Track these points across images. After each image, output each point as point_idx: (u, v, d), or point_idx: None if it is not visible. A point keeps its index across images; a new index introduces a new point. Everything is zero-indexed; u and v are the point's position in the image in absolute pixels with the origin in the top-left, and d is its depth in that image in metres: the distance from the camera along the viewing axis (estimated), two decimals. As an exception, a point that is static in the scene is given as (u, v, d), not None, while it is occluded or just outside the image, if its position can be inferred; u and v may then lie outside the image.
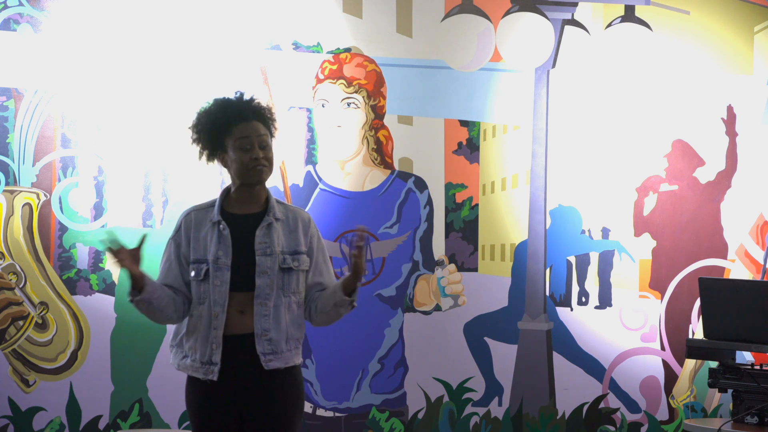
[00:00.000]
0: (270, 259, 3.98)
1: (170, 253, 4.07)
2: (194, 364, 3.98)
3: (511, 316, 6.20)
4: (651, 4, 6.31)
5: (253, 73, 5.90)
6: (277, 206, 4.07)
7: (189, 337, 4.01)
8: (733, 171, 6.42)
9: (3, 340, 5.68)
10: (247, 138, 4.00)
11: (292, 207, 4.12)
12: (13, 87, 5.70)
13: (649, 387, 6.34)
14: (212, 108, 4.05)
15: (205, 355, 3.95)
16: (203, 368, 3.96)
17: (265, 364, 3.95)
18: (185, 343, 4.02)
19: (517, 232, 6.23)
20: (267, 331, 3.96)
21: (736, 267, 6.41)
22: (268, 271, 3.97)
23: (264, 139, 4.03)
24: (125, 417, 5.79)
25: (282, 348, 3.98)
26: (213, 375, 3.94)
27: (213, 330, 3.95)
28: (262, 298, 3.97)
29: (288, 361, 4.00)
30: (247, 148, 3.99)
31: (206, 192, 5.83)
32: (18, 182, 5.70)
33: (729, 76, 6.41)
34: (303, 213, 4.12)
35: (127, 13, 5.78)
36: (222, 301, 3.95)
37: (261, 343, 3.95)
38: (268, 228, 4.01)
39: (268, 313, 3.96)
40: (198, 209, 4.09)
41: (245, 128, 4.01)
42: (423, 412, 6.11)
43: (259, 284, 3.97)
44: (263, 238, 4.00)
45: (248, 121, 4.02)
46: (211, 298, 3.96)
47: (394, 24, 6.09)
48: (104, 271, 5.76)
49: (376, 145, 6.06)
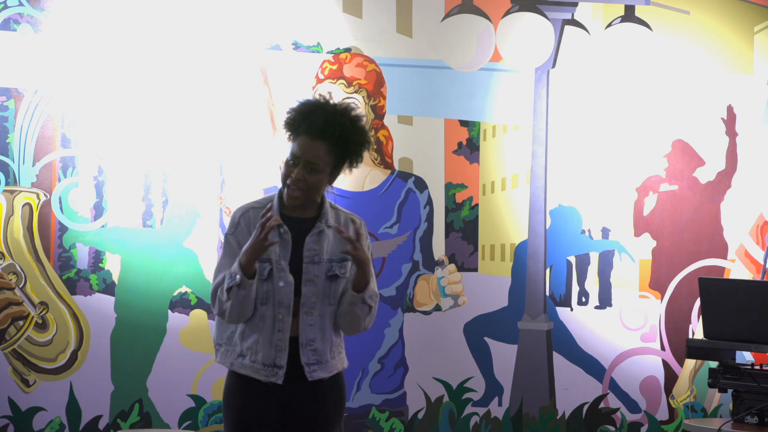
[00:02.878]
0: (317, 267, 3.88)
1: (233, 250, 3.90)
2: (255, 365, 3.87)
3: (511, 316, 6.20)
4: (651, 4, 6.31)
5: (253, 73, 5.90)
6: (330, 212, 3.95)
7: (247, 337, 3.88)
8: (733, 171, 6.42)
9: (3, 340, 5.68)
10: (296, 156, 3.83)
11: (344, 213, 4.00)
12: (13, 87, 5.70)
13: (649, 387, 6.34)
14: (304, 105, 3.90)
15: (269, 357, 3.85)
16: (266, 370, 3.85)
17: (309, 375, 3.87)
18: (242, 342, 3.89)
19: (517, 232, 6.23)
20: (312, 341, 3.88)
21: (736, 267, 6.41)
22: (314, 279, 3.88)
23: (314, 163, 3.82)
24: (125, 417, 5.79)
25: (326, 357, 3.92)
26: (277, 378, 3.85)
27: (278, 332, 3.85)
28: (308, 306, 3.87)
29: (332, 369, 3.95)
30: (291, 164, 3.84)
31: (206, 192, 5.83)
32: (18, 182, 5.70)
33: (729, 76, 6.41)
34: (355, 218, 4.00)
35: (127, 13, 5.78)
36: (287, 303, 3.85)
37: (305, 354, 3.87)
38: (319, 235, 3.90)
39: (314, 322, 3.88)
40: (255, 208, 3.93)
41: (303, 144, 3.83)
42: (423, 412, 6.11)
43: (305, 292, 3.87)
44: (312, 245, 3.89)
45: (312, 138, 3.84)
46: (275, 299, 3.85)
47: (394, 24, 6.09)
48: (104, 271, 5.76)
49: (376, 145, 6.06)
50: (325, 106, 3.88)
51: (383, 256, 6.07)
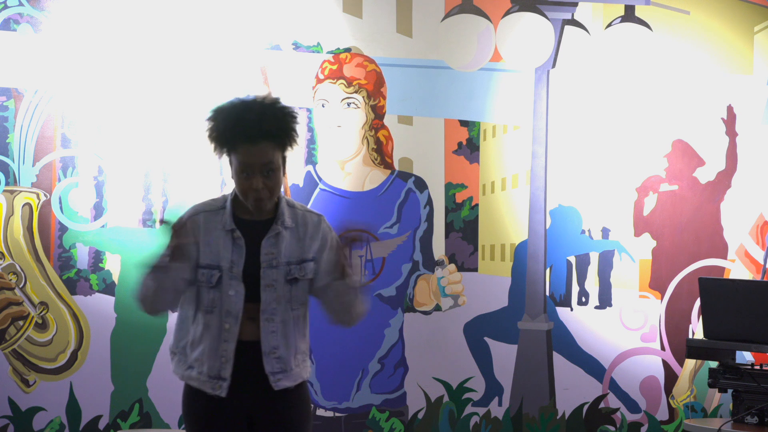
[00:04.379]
0: (276, 271, 3.74)
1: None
2: (201, 377, 3.75)
3: (511, 316, 6.20)
4: (651, 4, 6.31)
5: (253, 73, 5.90)
6: (287, 212, 3.80)
7: (195, 347, 3.77)
8: (733, 171, 6.42)
9: (3, 340, 5.68)
10: (249, 165, 3.67)
11: (302, 210, 3.84)
12: (13, 87, 5.70)
13: (649, 387, 6.34)
14: (224, 113, 3.72)
15: (214, 369, 3.72)
16: (211, 383, 3.73)
17: (274, 385, 3.74)
18: (190, 353, 3.78)
19: (517, 232, 6.23)
20: (275, 349, 3.74)
21: (736, 267, 6.40)
22: (273, 284, 3.74)
23: (269, 166, 3.67)
24: (125, 417, 5.79)
25: (291, 365, 3.76)
26: (221, 391, 3.72)
27: (223, 342, 3.72)
28: (269, 313, 3.74)
29: (297, 378, 3.79)
30: (246, 175, 3.68)
31: (206, 192, 5.83)
32: (18, 182, 5.70)
33: (729, 76, 6.41)
34: (313, 215, 3.85)
35: (127, 13, 5.78)
36: (236, 312, 3.71)
37: (269, 362, 3.73)
38: (276, 237, 3.76)
39: (276, 329, 3.74)
40: (206, 211, 3.79)
41: (249, 152, 3.66)
42: (423, 412, 6.11)
43: (265, 298, 3.73)
44: (270, 249, 3.75)
45: (254, 143, 3.66)
46: (222, 308, 3.73)
47: (394, 24, 6.09)
48: (104, 271, 5.76)
49: (376, 145, 6.06)
50: (250, 106, 3.70)
51: (383, 256, 6.07)
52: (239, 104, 3.73)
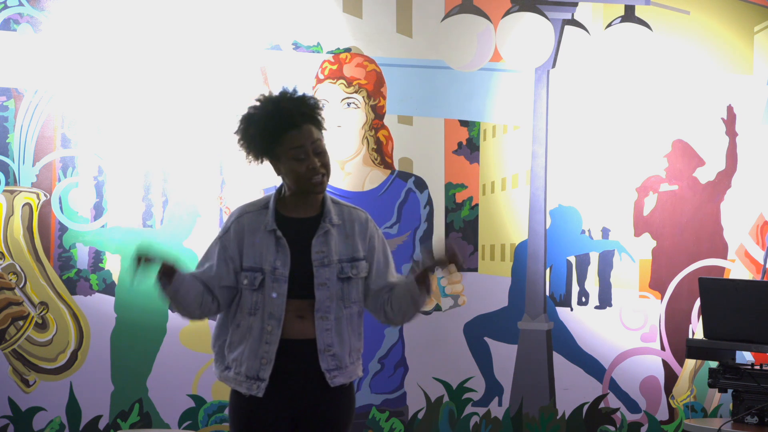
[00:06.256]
0: (328, 269, 3.75)
1: (214, 254, 3.83)
2: (238, 377, 3.76)
3: (511, 316, 6.20)
4: (651, 4, 6.31)
5: (253, 73, 5.90)
6: (333, 209, 3.82)
7: (233, 348, 3.78)
8: (733, 171, 6.42)
9: (3, 340, 5.68)
10: (301, 147, 3.73)
11: (348, 207, 3.87)
12: (13, 87, 5.70)
13: (649, 387, 6.34)
14: (259, 115, 3.78)
15: (252, 370, 3.73)
16: (247, 383, 3.74)
17: (330, 381, 3.75)
18: (228, 354, 3.79)
19: (517, 232, 6.23)
20: (330, 347, 3.75)
21: (736, 267, 6.40)
22: (327, 282, 3.75)
23: (319, 144, 3.75)
24: (125, 417, 5.79)
25: (346, 362, 3.78)
26: (258, 391, 3.72)
27: (264, 344, 3.72)
28: (323, 311, 3.75)
29: (351, 375, 3.80)
30: (302, 158, 3.73)
31: (206, 192, 5.83)
32: (18, 182, 5.70)
33: (729, 76, 6.41)
34: (360, 213, 3.87)
35: (127, 13, 5.78)
36: (279, 315, 3.73)
37: (325, 359, 3.74)
38: (325, 236, 3.77)
39: (330, 327, 3.75)
40: (250, 212, 3.82)
41: (297, 137, 3.73)
42: (423, 412, 6.11)
43: (319, 297, 3.74)
44: (320, 247, 3.76)
45: (299, 128, 3.74)
46: (265, 310, 3.74)
47: (394, 24, 6.09)
48: (104, 271, 5.76)
49: (376, 145, 6.06)
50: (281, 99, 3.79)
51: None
52: (268, 101, 3.80)
